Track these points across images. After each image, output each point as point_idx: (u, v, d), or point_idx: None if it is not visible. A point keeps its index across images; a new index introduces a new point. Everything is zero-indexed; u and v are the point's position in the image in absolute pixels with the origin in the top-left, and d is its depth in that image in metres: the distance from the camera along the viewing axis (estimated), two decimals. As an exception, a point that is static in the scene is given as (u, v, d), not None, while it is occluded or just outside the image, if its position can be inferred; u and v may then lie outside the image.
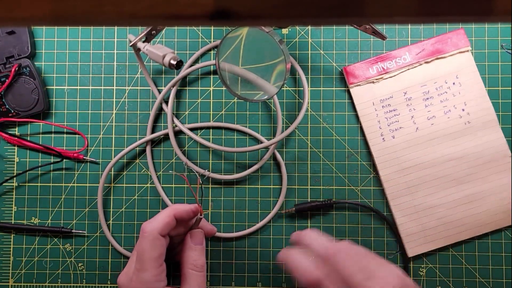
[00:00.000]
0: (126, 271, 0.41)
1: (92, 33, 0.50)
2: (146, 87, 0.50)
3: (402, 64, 0.48)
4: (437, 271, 0.48)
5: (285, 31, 0.50)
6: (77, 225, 0.49)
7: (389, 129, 0.48)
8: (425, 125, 0.48)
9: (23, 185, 0.50)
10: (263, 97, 0.44)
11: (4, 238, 0.49)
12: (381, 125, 0.48)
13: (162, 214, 0.40)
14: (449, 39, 0.48)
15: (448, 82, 0.48)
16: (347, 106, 0.49)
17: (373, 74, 0.48)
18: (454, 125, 0.48)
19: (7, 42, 0.49)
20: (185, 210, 0.41)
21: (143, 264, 0.38)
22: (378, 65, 0.48)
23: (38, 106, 0.49)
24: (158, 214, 0.40)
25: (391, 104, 0.48)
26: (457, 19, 0.17)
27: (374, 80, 0.48)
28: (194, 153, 0.50)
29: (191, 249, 0.41)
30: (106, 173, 0.49)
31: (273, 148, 0.48)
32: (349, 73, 0.49)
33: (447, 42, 0.48)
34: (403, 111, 0.48)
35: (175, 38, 0.50)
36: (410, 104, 0.48)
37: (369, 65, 0.48)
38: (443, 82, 0.48)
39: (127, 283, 0.39)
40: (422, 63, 0.48)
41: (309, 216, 0.48)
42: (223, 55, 0.43)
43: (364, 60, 0.49)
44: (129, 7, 0.16)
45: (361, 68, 0.49)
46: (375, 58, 0.49)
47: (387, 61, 0.48)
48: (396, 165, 0.48)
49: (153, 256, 0.39)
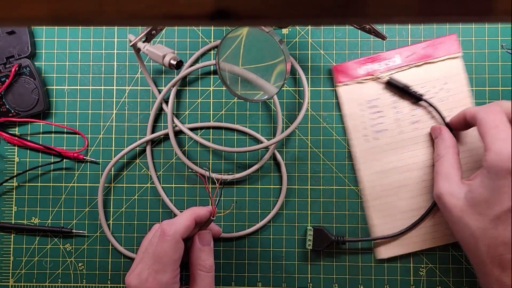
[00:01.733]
0: (137, 273, 0.40)
1: (92, 33, 0.50)
2: (146, 87, 0.50)
3: (391, 66, 0.48)
4: (437, 271, 0.48)
5: (285, 31, 0.50)
6: (77, 225, 0.49)
7: (373, 130, 0.48)
8: (409, 129, 0.48)
9: (23, 185, 0.50)
10: (263, 97, 0.44)
11: (4, 238, 0.49)
12: (366, 125, 0.48)
13: (183, 217, 0.40)
14: (440, 44, 0.48)
15: (436, 87, 0.48)
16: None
17: (361, 74, 0.48)
18: None
19: (7, 42, 0.49)
20: (205, 213, 0.41)
21: (163, 266, 0.38)
22: (367, 65, 0.48)
23: (38, 106, 0.49)
24: (179, 217, 0.40)
25: (377, 106, 0.48)
26: (457, 19, 0.17)
27: (362, 80, 0.48)
28: (194, 153, 0.50)
29: (200, 250, 0.41)
30: (106, 173, 0.49)
31: (273, 148, 0.48)
32: (337, 72, 0.48)
33: (439, 47, 0.48)
34: (389, 113, 0.48)
35: (175, 38, 0.50)
36: (396, 107, 0.48)
37: (358, 65, 0.48)
38: (431, 87, 0.48)
39: (141, 284, 0.39)
40: (412, 66, 0.48)
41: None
42: (223, 55, 0.43)
43: (353, 60, 0.49)
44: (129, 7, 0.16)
45: (350, 68, 0.48)
46: (365, 58, 0.49)
47: (376, 62, 0.48)
48: (377, 167, 0.48)
49: (174, 259, 0.39)
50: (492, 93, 0.48)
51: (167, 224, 0.40)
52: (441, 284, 0.48)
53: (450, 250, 0.48)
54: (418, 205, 0.47)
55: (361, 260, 0.48)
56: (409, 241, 0.47)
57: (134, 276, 0.40)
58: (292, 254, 0.49)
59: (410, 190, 0.48)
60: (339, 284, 0.48)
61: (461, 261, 0.48)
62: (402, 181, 0.48)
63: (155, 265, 0.39)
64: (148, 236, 0.43)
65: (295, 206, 0.49)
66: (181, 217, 0.40)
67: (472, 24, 0.49)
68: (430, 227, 0.47)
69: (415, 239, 0.47)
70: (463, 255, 0.48)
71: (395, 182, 0.48)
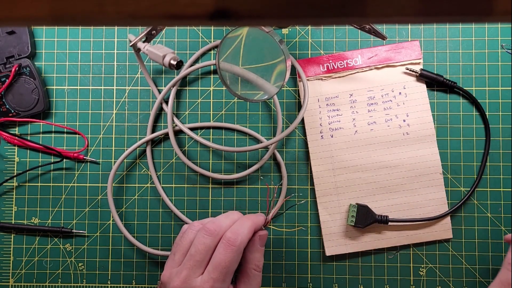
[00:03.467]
0: (184, 277, 0.38)
1: (92, 33, 0.50)
2: (146, 87, 0.50)
3: (352, 66, 0.49)
4: (437, 271, 0.48)
5: (285, 31, 0.50)
6: (77, 225, 0.49)
7: (329, 128, 0.48)
8: (365, 130, 0.48)
9: (23, 185, 0.50)
10: (263, 97, 0.44)
11: (4, 238, 0.49)
12: (322, 122, 0.48)
13: (245, 227, 0.39)
14: (403, 49, 0.48)
15: (394, 91, 0.48)
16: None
17: (322, 71, 0.48)
18: (392, 134, 0.48)
19: (7, 42, 0.49)
20: (261, 223, 0.41)
21: (223, 276, 0.37)
22: (329, 63, 0.49)
23: (38, 106, 0.49)
24: (241, 227, 0.39)
25: (335, 104, 0.48)
26: (457, 19, 0.17)
27: (323, 77, 0.48)
28: (194, 153, 0.50)
29: (257, 251, 0.41)
30: (113, 173, 0.49)
31: (274, 147, 0.48)
32: (302, 67, 0.49)
33: (401, 51, 0.48)
34: (346, 113, 0.48)
35: (175, 38, 0.50)
36: (354, 107, 0.48)
37: (321, 62, 0.49)
38: (389, 90, 0.48)
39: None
40: (373, 68, 0.48)
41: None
42: (223, 55, 0.43)
43: (316, 56, 0.49)
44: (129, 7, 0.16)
45: (312, 64, 0.49)
46: (327, 56, 0.49)
47: (338, 61, 0.49)
48: (329, 164, 0.48)
49: (234, 268, 0.38)
50: (492, 93, 0.48)
51: (231, 233, 0.38)
52: (441, 284, 0.48)
53: (450, 250, 0.48)
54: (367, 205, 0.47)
55: (361, 260, 0.48)
56: (356, 240, 0.47)
57: (181, 280, 0.38)
58: (292, 254, 0.49)
59: (360, 190, 0.48)
60: (339, 284, 0.48)
61: (461, 261, 0.48)
62: (353, 180, 0.48)
63: (214, 273, 0.37)
64: (188, 237, 0.40)
65: (295, 206, 0.49)
66: (242, 227, 0.39)
67: (472, 24, 0.49)
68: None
69: (364, 239, 0.47)
70: (463, 255, 0.48)
71: (345, 181, 0.48)
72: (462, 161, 0.48)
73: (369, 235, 0.47)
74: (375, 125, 0.48)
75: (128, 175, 0.50)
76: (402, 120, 0.48)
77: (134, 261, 0.49)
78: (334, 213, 0.48)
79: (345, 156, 0.48)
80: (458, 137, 0.48)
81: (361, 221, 0.46)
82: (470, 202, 0.48)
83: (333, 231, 0.48)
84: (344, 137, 0.48)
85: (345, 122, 0.48)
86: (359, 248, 0.48)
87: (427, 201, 0.47)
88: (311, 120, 0.48)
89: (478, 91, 0.49)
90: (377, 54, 0.48)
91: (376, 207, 0.47)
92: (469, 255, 0.48)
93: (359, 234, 0.47)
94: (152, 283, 0.49)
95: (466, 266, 0.48)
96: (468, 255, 0.48)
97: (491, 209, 0.48)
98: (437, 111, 0.49)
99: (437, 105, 0.49)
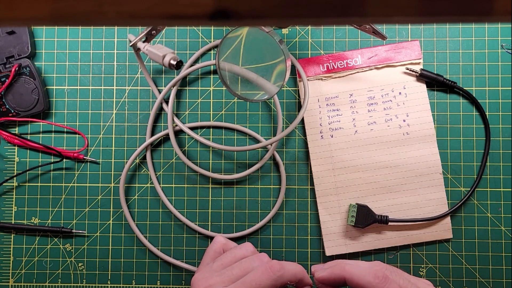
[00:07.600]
0: (211, 284, 0.37)
1: (92, 33, 0.50)
2: (146, 87, 0.50)
3: (352, 65, 0.48)
4: (437, 271, 0.48)
5: (285, 31, 0.50)
6: (77, 225, 0.49)
7: (329, 128, 0.48)
8: (365, 130, 0.48)
9: (23, 185, 0.50)
10: (263, 97, 0.44)
11: (4, 238, 0.49)
12: (322, 122, 0.48)
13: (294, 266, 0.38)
14: (403, 49, 0.48)
15: (394, 91, 0.48)
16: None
17: (322, 71, 0.48)
18: (393, 134, 0.48)
19: (7, 42, 0.49)
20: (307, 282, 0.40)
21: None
22: (329, 63, 0.48)
23: (38, 106, 0.49)
24: (290, 264, 0.38)
25: (335, 104, 0.48)
26: (457, 19, 0.17)
27: (323, 77, 0.48)
28: (194, 153, 0.50)
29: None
30: (125, 173, 0.49)
31: (274, 147, 0.48)
32: (302, 67, 0.48)
33: (401, 51, 0.48)
34: (346, 113, 0.48)
35: (175, 38, 0.50)
36: (354, 107, 0.48)
37: (320, 62, 0.49)
38: (389, 90, 0.48)
39: None
40: (373, 68, 0.48)
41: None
42: (223, 55, 0.43)
43: (316, 56, 0.49)
44: (129, 7, 0.16)
45: (312, 64, 0.49)
46: (327, 56, 0.49)
47: (338, 61, 0.49)
48: (330, 164, 0.48)
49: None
50: (492, 93, 0.48)
51: (279, 263, 0.38)
52: (441, 284, 0.48)
53: (450, 250, 0.48)
54: (368, 205, 0.47)
55: (360, 260, 0.48)
56: (356, 241, 0.47)
57: (207, 286, 0.38)
58: (292, 254, 0.49)
59: (360, 190, 0.48)
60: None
61: (461, 261, 0.48)
62: (353, 180, 0.48)
63: (239, 286, 0.36)
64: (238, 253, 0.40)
65: (295, 206, 0.49)
66: (292, 265, 0.38)
67: (472, 24, 0.49)
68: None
69: (363, 239, 0.47)
70: (463, 255, 0.48)
71: (345, 181, 0.48)
72: (462, 161, 0.48)
73: (369, 235, 0.47)
74: (375, 125, 0.48)
75: (128, 175, 0.50)
76: (402, 120, 0.48)
77: (134, 261, 0.49)
78: (334, 213, 0.48)
79: (345, 156, 0.48)
80: (458, 137, 0.48)
81: (361, 221, 0.46)
82: (470, 202, 0.48)
83: (333, 231, 0.48)
84: (344, 137, 0.48)
85: (345, 122, 0.48)
86: (359, 248, 0.48)
87: (427, 201, 0.47)
88: (311, 120, 0.48)
89: (478, 91, 0.49)
90: (377, 54, 0.48)
91: (376, 207, 0.47)
92: (469, 255, 0.48)
93: (359, 234, 0.48)
94: (152, 283, 0.49)
95: (466, 266, 0.48)
96: (468, 255, 0.48)
97: (491, 209, 0.48)
98: (437, 111, 0.49)
99: (437, 105, 0.49)
